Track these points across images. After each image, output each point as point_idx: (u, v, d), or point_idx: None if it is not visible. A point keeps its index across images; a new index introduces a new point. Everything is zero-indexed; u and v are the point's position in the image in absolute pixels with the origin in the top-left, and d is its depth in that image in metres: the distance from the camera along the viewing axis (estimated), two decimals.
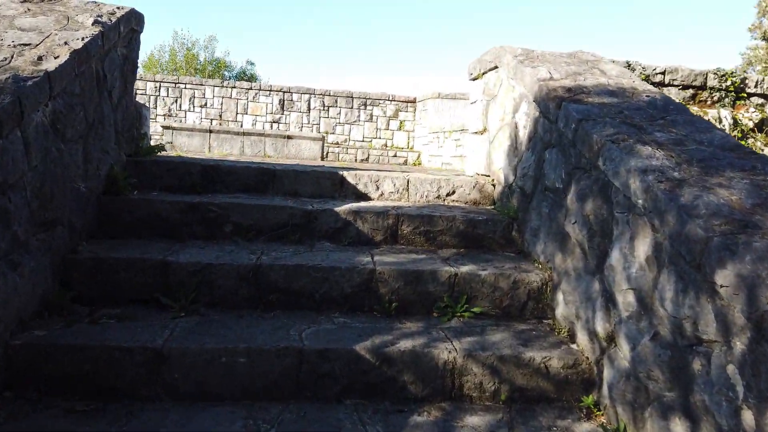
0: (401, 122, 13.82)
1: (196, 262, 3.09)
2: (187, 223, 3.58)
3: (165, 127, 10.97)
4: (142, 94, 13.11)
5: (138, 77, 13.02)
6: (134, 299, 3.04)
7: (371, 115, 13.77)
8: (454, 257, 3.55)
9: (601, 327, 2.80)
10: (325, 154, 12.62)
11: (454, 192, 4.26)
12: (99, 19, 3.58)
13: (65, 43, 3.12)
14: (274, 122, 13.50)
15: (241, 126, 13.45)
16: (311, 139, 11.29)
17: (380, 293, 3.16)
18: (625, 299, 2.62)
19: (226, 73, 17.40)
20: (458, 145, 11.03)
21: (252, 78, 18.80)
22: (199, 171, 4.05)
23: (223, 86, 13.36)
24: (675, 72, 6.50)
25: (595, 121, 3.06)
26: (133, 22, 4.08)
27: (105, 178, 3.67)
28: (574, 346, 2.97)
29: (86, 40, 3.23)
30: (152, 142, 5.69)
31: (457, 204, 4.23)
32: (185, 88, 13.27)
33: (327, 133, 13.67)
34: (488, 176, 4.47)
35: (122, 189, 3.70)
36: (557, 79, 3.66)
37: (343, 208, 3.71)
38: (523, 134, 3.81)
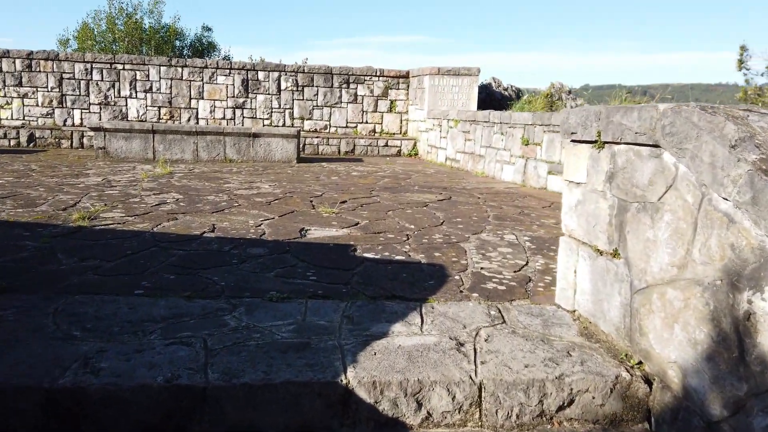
0: (392, 102, 11.49)
1: None
2: None
3: (94, 129, 8.53)
4: (69, 79, 10.50)
5: (64, 57, 10.39)
6: None
7: (355, 95, 11.39)
8: None
9: None
10: (301, 147, 10.32)
11: (571, 402, 2.19)
12: None
13: None
14: (236, 107, 11.06)
15: (196, 115, 10.99)
16: (283, 137, 8.97)
17: None
18: None
19: (177, 43, 14.51)
20: (468, 139, 8.84)
21: (210, 47, 15.80)
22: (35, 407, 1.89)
23: (171, 65, 10.78)
24: None
25: None
26: None
27: None
28: None
29: None
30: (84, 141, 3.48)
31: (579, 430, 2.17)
32: (124, 68, 10.66)
33: (302, 118, 11.30)
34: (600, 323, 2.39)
35: None
36: None
37: None
38: None
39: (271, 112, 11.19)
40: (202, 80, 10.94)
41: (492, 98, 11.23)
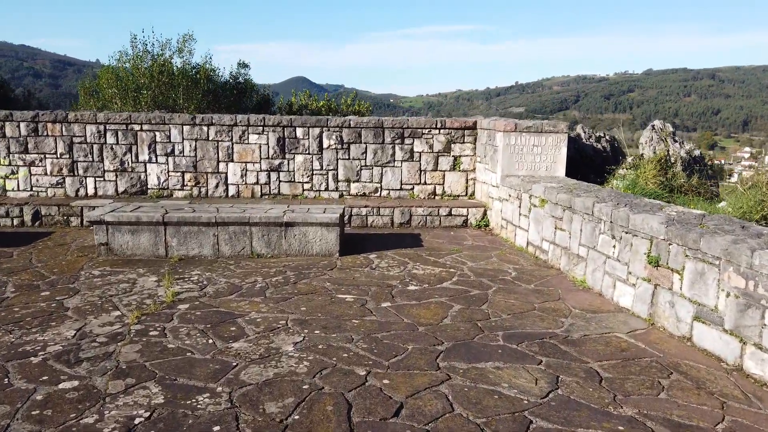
0: (455, 159, 9.50)
1: None
2: None
3: (94, 223, 7.01)
4: (80, 143, 9.12)
5: (74, 118, 9.00)
6: None
7: (411, 152, 9.46)
8: None
9: None
10: (347, 219, 8.51)
11: None
12: None
13: None
14: (271, 170, 9.37)
15: (225, 180, 9.37)
16: (322, 225, 7.16)
17: None
18: None
19: (210, 85, 12.92)
20: (559, 228, 6.75)
21: (247, 87, 14.16)
22: None
23: (195, 124, 9.21)
24: None
25: None
26: None
27: None
28: None
29: None
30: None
31: None
32: (141, 129, 9.18)
33: (349, 181, 9.48)
34: None
35: None
36: None
37: None
38: None
39: (312, 174, 9.43)
40: (231, 140, 9.31)
41: (582, 155, 9.04)
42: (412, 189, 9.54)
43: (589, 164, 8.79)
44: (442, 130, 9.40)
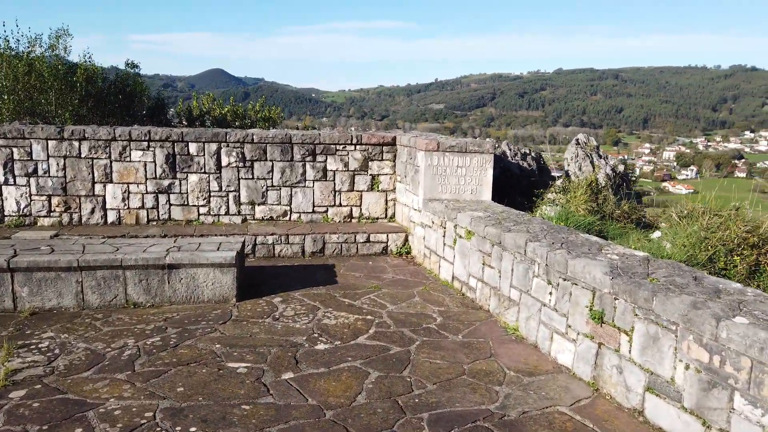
0: (374, 178, 8.58)
1: None
2: None
3: None
4: None
5: None
6: None
7: (324, 170, 8.44)
8: None
9: None
10: (250, 249, 7.39)
11: None
12: None
13: None
14: (160, 192, 8.03)
15: (103, 204, 7.92)
16: (215, 267, 6.01)
17: None
18: None
19: (89, 88, 11.04)
20: (488, 265, 6.03)
21: (137, 88, 12.34)
22: None
23: (63, 138, 7.69)
24: None
25: None
26: None
27: None
28: None
29: None
30: None
31: None
32: None
33: (253, 204, 8.32)
34: None
35: None
36: None
37: None
38: None
39: (209, 196, 8.18)
40: (110, 157, 7.87)
41: (508, 175, 8.41)
42: (326, 212, 8.53)
43: (516, 184, 8.20)
44: (358, 147, 8.45)
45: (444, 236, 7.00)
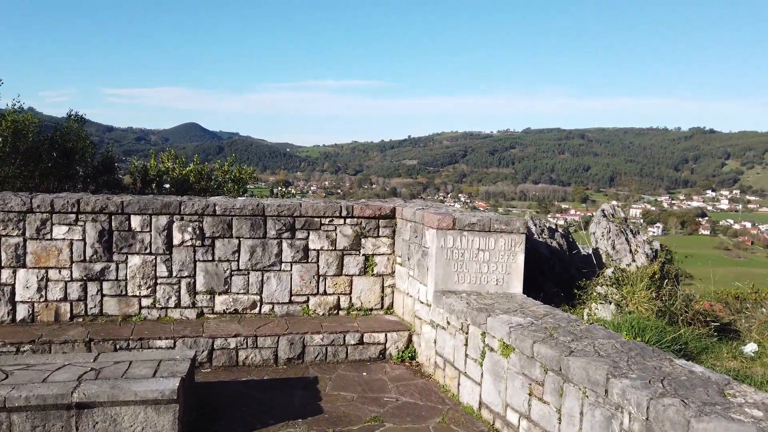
0: (367, 258, 6.88)
1: None
2: None
3: None
4: None
5: None
6: None
7: (305, 250, 6.71)
8: None
9: None
10: (206, 355, 5.53)
11: None
12: None
13: None
14: (89, 279, 6.14)
15: (11, 296, 5.98)
16: (146, 404, 4.11)
17: None
18: None
19: (19, 144, 9.23)
20: (542, 399, 4.28)
21: (79, 145, 10.34)
22: None
23: None
24: None
25: None
26: None
27: None
28: None
29: None
30: None
31: None
32: None
33: (212, 293, 6.48)
34: None
35: None
36: None
37: None
38: None
39: (155, 284, 6.33)
40: (23, 233, 6.01)
41: (537, 257, 6.82)
42: (307, 302, 6.74)
43: (547, 269, 6.62)
44: (348, 220, 6.78)
45: (466, 344, 5.27)
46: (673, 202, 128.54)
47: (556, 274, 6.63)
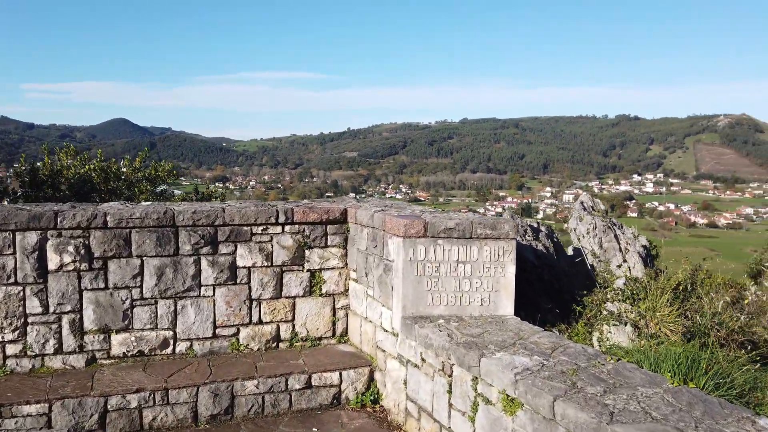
0: (313, 275, 5.45)
1: None
2: None
3: None
4: None
5: None
6: None
7: (232, 268, 5.20)
8: None
9: None
10: (97, 417, 3.95)
11: None
12: None
13: None
14: None
15: None
16: None
17: None
18: None
19: None
20: None
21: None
22: None
23: None
24: None
25: None
26: None
27: None
28: None
29: None
30: None
31: None
32: None
33: (107, 331, 4.88)
34: None
35: None
36: None
37: None
38: None
39: (24, 324, 4.65)
40: None
41: (522, 264, 5.61)
42: (237, 335, 5.24)
43: (534, 279, 5.44)
44: (287, 227, 5.32)
45: (450, 392, 3.97)
46: (602, 186, 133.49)
47: (545, 282, 5.48)
